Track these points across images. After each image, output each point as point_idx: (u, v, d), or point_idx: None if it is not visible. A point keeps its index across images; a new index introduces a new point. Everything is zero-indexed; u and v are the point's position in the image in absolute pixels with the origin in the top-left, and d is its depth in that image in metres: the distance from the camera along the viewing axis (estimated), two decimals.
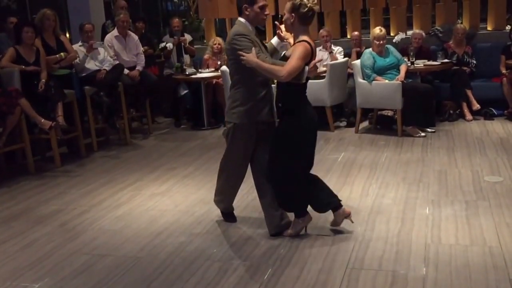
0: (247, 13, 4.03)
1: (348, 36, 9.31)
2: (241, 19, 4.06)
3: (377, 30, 7.36)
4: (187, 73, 8.40)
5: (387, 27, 8.39)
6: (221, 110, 7.81)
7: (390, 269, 3.56)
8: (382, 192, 5.06)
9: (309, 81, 4.07)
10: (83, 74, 7.30)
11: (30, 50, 6.62)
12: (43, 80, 6.48)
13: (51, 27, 6.99)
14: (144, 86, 7.96)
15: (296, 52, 3.85)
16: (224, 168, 4.41)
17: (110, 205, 5.17)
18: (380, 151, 6.46)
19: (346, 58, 8.19)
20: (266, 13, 4.05)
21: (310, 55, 3.91)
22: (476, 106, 7.74)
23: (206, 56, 8.84)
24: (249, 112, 4.06)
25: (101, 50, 7.50)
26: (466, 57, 8.21)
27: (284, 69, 3.80)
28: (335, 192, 4.19)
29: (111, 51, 7.75)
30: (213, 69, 8.58)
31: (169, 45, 8.70)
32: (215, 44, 8.69)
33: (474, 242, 3.88)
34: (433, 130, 7.21)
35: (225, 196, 4.51)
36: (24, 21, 7.65)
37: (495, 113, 7.82)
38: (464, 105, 7.85)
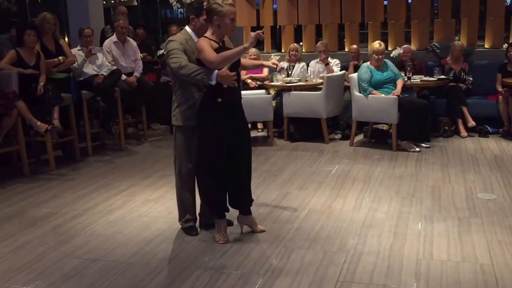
0: (193, 23, 4.24)
1: (346, 49, 9.35)
2: (187, 28, 4.28)
3: (377, 45, 7.38)
4: None
5: (385, 41, 8.41)
6: None
7: (381, 283, 3.56)
8: (375, 206, 5.06)
9: (305, 92, 4.10)
10: (81, 79, 7.30)
11: (31, 53, 6.63)
12: (42, 84, 6.49)
13: (50, 30, 7.00)
14: (141, 92, 7.97)
15: None
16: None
17: (103, 210, 5.17)
18: (374, 165, 6.48)
19: (343, 71, 8.22)
20: None
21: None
22: (472, 123, 7.78)
23: None
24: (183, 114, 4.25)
25: (99, 55, 7.51)
26: (462, 74, 8.26)
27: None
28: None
29: (109, 57, 7.76)
30: None
31: None
32: None
33: (465, 259, 3.88)
34: (427, 145, 7.24)
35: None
36: (27, 24, 7.64)
37: (490, 130, 7.85)
38: (460, 121, 7.88)
